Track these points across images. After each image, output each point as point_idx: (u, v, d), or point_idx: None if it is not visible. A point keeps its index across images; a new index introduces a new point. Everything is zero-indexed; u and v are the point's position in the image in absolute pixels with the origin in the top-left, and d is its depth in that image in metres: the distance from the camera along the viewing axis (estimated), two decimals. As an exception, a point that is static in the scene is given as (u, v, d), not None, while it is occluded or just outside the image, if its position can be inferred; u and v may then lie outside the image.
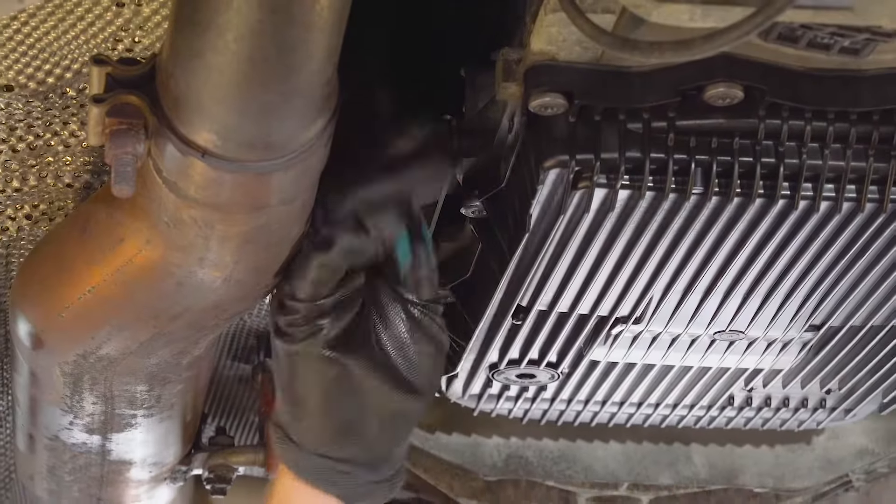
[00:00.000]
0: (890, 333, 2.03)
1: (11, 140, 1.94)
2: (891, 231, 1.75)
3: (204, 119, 1.59)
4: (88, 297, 1.90)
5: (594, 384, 2.18)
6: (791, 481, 2.52)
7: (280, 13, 1.44)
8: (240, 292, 1.86)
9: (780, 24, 1.48)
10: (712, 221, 1.73)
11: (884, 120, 1.65)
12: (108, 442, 2.25)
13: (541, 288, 1.88)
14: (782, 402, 2.25)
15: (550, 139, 1.66)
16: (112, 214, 1.83)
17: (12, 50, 1.83)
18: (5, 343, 2.32)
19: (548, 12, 1.57)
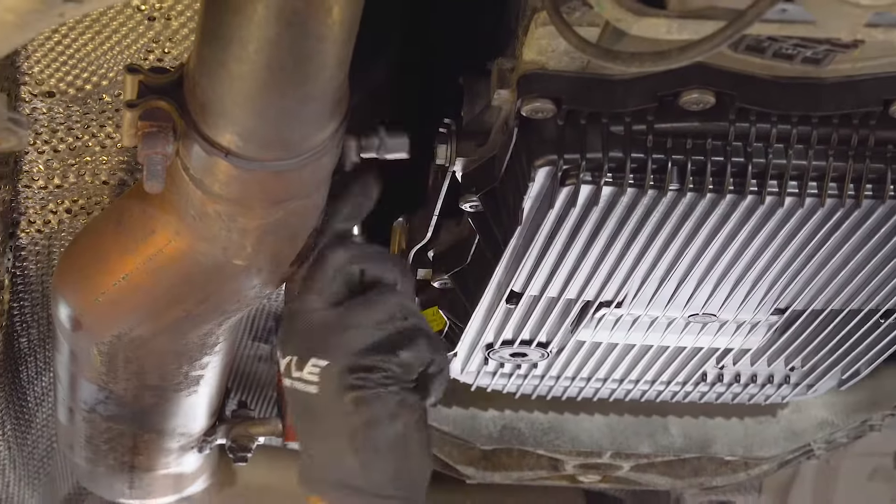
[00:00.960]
0: (848, 316, 2.03)
1: (53, 141, 1.94)
2: (849, 224, 1.75)
3: (227, 122, 1.59)
4: (122, 283, 1.90)
5: (580, 362, 2.18)
6: (758, 450, 2.51)
7: (296, 27, 1.45)
8: (260, 279, 1.86)
9: (748, 36, 1.48)
10: (687, 215, 1.73)
11: (842, 123, 1.65)
12: (140, 414, 2.25)
13: (532, 275, 1.88)
14: (750, 378, 2.25)
15: (541, 140, 1.66)
16: (144, 209, 1.83)
17: (54, 59, 1.83)
18: (47, 325, 2.32)
19: (538, 26, 1.57)
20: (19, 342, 2.32)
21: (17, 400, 2.48)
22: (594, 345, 2.12)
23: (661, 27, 1.35)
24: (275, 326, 2.41)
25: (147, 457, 2.41)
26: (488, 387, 2.29)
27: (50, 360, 2.41)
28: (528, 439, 2.47)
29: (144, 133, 1.63)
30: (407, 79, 1.94)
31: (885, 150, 1.67)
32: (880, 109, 1.63)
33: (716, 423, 2.51)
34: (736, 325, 2.05)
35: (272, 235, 1.77)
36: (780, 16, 1.40)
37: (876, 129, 1.66)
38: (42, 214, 2.06)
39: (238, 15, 1.45)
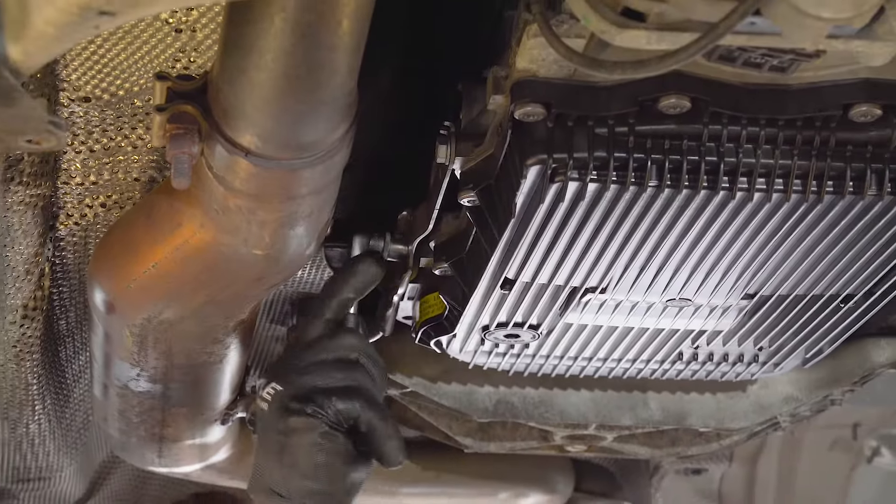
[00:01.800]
0: (811, 301, 2.03)
1: (89, 142, 1.94)
2: (812, 217, 1.75)
3: (247, 125, 1.59)
4: (152, 271, 1.90)
5: (568, 342, 2.18)
6: (730, 422, 2.51)
7: (309, 38, 1.45)
8: (277, 268, 1.86)
9: (720, 46, 1.48)
10: (665, 209, 1.73)
11: (806, 125, 1.65)
12: (168, 390, 2.25)
13: (524, 263, 1.88)
14: (722, 357, 2.25)
15: (532, 141, 1.66)
16: (172, 203, 1.83)
17: (90, 68, 1.83)
18: (84, 309, 2.32)
19: (530, 37, 1.57)
20: (58, 324, 2.32)
21: (57, 377, 2.48)
22: (580, 327, 2.12)
23: (641, 38, 1.35)
24: (290, 310, 2.41)
25: (175, 428, 2.41)
26: (484, 365, 2.29)
27: (86, 341, 2.41)
28: (521, 413, 2.47)
29: (172, 134, 1.64)
30: (410, 84, 1.93)
31: (845, 150, 1.67)
32: (840, 113, 1.63)
33: (691, 398, 2.51)
34: (709, 308, 2.05)
35: (289, 227, 1.77)
36: (749, 28, 1.40)
37: (836, 131, 1.66)
38: (79, 208, 2.06)
39: (257, 27, 1.45)
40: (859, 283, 1.97)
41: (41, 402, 2.49)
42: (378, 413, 2.05)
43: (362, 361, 2.07)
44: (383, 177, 2.06)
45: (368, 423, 2.04)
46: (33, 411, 2.51)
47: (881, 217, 1.76)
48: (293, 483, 2.01)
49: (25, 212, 1.92)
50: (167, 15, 1.76)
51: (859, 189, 1.70)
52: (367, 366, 2.08)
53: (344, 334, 2.09)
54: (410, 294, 2.13)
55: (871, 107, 1.62)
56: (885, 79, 1.62)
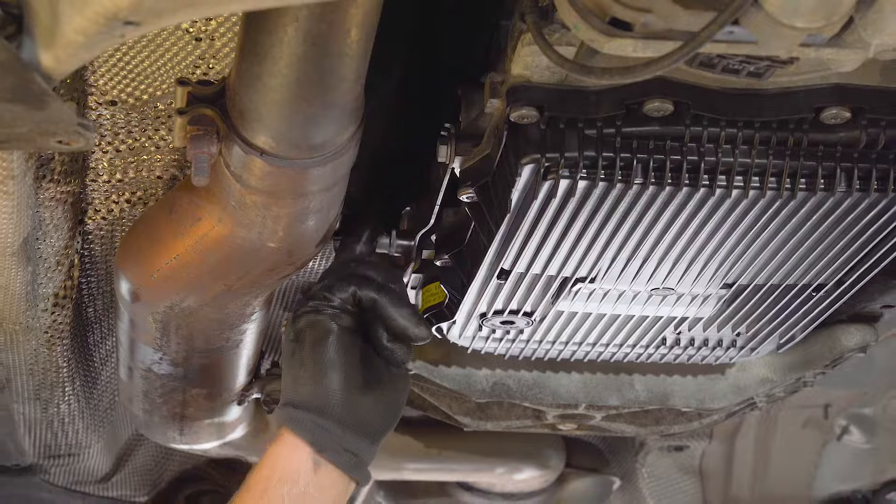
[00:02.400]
0: (785, 290, 2.03)
1: (115, 143, 1.94)
2: (785, 212, 1.76)
3: (262, 126, 1.59)
4: (174, 262, 1.90)
5: (559, 329, 2.19)
6: (710, 403, 2.51)
7: (320, 46, 1.45)
8: (289, 258, 1.87)
9: (701, 54, 1.48)
10: (649, 204, 1.73)
11: (780, 127, 1.66)
12: (188, 373, 2.25)
13: (519, 255, 1.88)
14: (703, 342, 2.25)
15: (526, 142, 1.66)
16: (192, 199, 1.83)
17: (116, 74, 1.83)
18: (110, 297, 2.32)
19: (524, 45, 1.57)
20: (87, 312, 2.32)
21: (85, 360, 2.49)
22: (571, 314, 2.12)
23: (627, 46, 1.35)
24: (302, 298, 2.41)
25: (195, 408, 2.41)
26: (482, 349, 2.29)
27: (112, 327, 2.41)
28: (516, 394, 2.46)
29: (192, 135, 1.64)
30: (413, 89, 1.93)
31: (816, 150, 1.68)
32: (812, 116, 1.64)
33: (673, 380, 2.51)
34: (690, 297, 2.05)
35: (300, 221, 1.77)
36: (727, 37, 1.40)
37: (808, 133, 1.66)
38: (106, 204, 2.06)
39: (272, 36, 1.45)
40: (830, 273, 1.97)
41: (71, 383, 2.50)
42: (377, 287, 1.91)
43: (366, 258, 1.97)
44: (388, 175, 2.06)
45: (371, 300, 1.90)
46: (63, 392, 2.51)
47: (850, 212, 1.76)
48: (301, 388, 1.87)
49: (56, 207, 1.93)
50: (188, 25, 1.76)
51: (830, 186, 1.70)
52: (370, 259, 1.97)
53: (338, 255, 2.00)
54: (413, 283, 2.13)
55: (840, 110, 1.63)
56: (854, 84, 1.62)
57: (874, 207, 1.75)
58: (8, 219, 1.73)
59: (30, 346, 2.21)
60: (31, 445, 2.83)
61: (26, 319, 2.09)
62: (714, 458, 3.24)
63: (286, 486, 1.84)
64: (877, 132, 1.66)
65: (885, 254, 1.90)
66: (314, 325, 1.88)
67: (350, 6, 1.42)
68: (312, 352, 1.87)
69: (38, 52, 1.22)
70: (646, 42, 1.35)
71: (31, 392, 2.47)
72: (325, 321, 1.88)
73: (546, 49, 1.44)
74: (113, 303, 2.25)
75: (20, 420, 2.63)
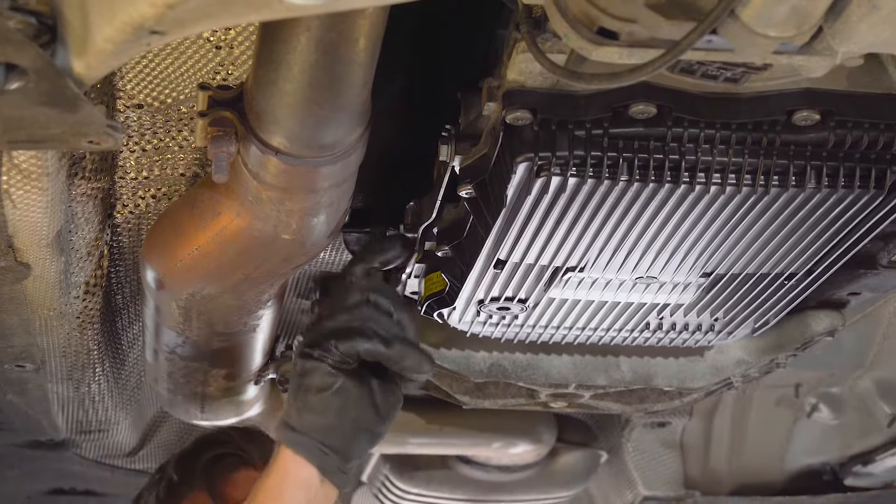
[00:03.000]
0: (759, 279, 2.03)
1: (142, 143, 1.94)
2: (760, 207, 1.75)
3: (277, 128, 1.59)
4: (195, 253, 1.90)
5: (551, 314, 2.19)
6: (690, 383, 2.51)
7: (331, 53, 1.45)
8: (303, 250, 1.87)
9: (682, 61, 1.48)
10: (634, 200, 1.73)
11: (755, 128, 1.66)
12: (209, 354, 2.25)
13: (514, 246, 1.88)
14: (683, 327, 2.25)
15: (521, 142, 1.66)
16: (212, 195, 1.83)
17: (142, 79, 1.83)
18: (137, 285, 2.32)
19: (519, 53, 1.57)
20: (115, 298, 2.32)
21: (114, 343, 2.49)
22: (562, 301, 2.12)
23: (614, 54, 1.35)
24: (314, 286, 2.41)
25: (215, 388, 2.42)
26: (480, 333, 2.29)
27: (139, 313, 2.42)
28: (511, 374, 2.47)
29: (213, 136, 1.64)
30: (417, 93, 1.93)
31: (788, 149, 1.68)
32: (784, 118, 1.64)
33: (656, 362, 2.51)
34: (672, 285, 2.06)
35: (313, 215, 1.77)
36: (706, 45, 1.40)
37: (781, 133, 1.66)
38: (133, 199, 2.06)
39: (286, 44, 1.45)
40: (801, 263, 1.97)
41: (101, 365, 2.50)
42: (379, 342, 1.97)
43: (371, 299, 2.00)
44: (394, 172, 2.06)
45: (371, 354, 1.97)
46: (94, 373, 2.51)
47: (819, 207, 1.76)
48: (304, 418, 1.97)
49: (87, 202, 1.93)
50: (209, 34, 1.76)
51: (800, 183, 1.70)
52: (377, 301, 2.01)
53: (353, 281, 2.04)
54: (416, 273, 2.13)
55: (810, 112, 1.63)
56: (823, 88, 1.62)
57: (841, 203, 1.75)
58: (43, 213, 1.73)
59: (63, 330, 2.21)
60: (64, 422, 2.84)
61: (60, 306, 2.09)
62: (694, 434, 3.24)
63: (302, 491, 1.97)
64: (844, 133, 1.66)
65: (852, 245, 1.90)
66: (317, 370, 1.97)
67: (358, 17, 1.42)
68: (317, 394, 1.97)
69: (70, 59, 1.23)
70: (631, 50, 1.35)
71: (64, 373, 2.47)
72: (328, 372, 1.97)
73: (539, 56, 1.44)
74: (139, 290, 2.26)
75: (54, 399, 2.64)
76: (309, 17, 1.41)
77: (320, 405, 1.97)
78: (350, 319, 1.98)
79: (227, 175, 1.66)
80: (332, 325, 1.98)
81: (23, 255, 1.83)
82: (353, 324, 1.98)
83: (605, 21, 1.32)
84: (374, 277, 2.05)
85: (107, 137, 1.34)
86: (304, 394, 1.98)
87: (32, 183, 1.65)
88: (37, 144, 1.36)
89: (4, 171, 1.61)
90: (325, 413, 1.97)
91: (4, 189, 1.63)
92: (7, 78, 1.23)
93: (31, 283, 1.96)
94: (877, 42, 1.29)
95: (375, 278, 2.05)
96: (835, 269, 2.00)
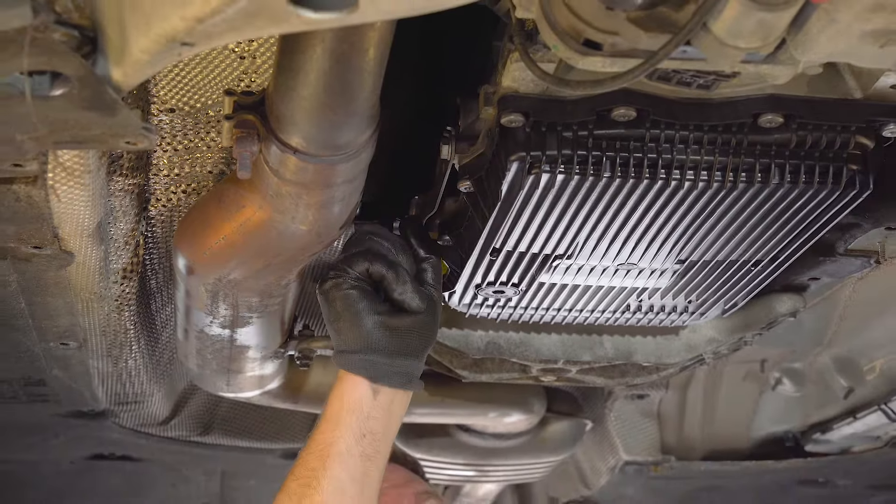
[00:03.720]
0: (728, 265, 2.04)
1: (174, 143, 1.94)
2: (729, 201, 1.76)
3: (295, 130, 1.59)
4: (222, 242, 1.90)
5: (542, 297, 2.19)
6: (666, 359, 2.51)
7: (343, 63, 1.45)
8: (318, 239, 1.87)
9: (659, 69, 1.49)
10: (616, 194, 1.73)
11: (724, 130, 1.66)
12: (234, 334, 2.25)
13: (508, 236, 1.88)
14: (660, 308, 2.26)
15: (514, 142, 1.66)
16: (237, 190, 1.83)
17: (175, 86, 1.83)
18: (169, 271, 2.32)
19: (513, 62, 1.57)
20: (150, 283, 2.32)
21: (149, 323, 2.49)
22: (551, 285, 2.12)
23: (598, 63, 1.36)
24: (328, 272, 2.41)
25: (239, 363, 2.41)
26: (477, 314, 2.29)
27: (171, 296, 2.41)
28: (506, 351, 2.47)
29: (237, 137, 1.64)
30: (421, 98, 1.93)
31: (755, 149, 1.68)
32: (751, 121, 1.64)
33: (636, 340, 2.51)
34: (650, 271, 2.06)
35: (327, 208, 1.77)
36: (681, 55, 1.40)
37: (748, 135, 1.66)
38: (166, 194, 2.06)
39: (303, 55, 1.45)
40: (766, 251, 1.98)
41: (136, 343, 2.50)
42: (382, 264, 1.95)
43: (376, 236, 1.99)
44: (400, 169, 2.06)
45: (378, 273, 1.95)
46: (130, 350, 2.51)
47: (782, 201, 1.77)
48: (342, 338, 1.94)
49: (124, 197, 1.93)
50: (234, 45, 1.76)
51: (765, 179, 1.70)
52: (380, 236, 1.99)
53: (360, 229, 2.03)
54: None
55: (775, 116, 1.63)
56: (786, 94, 1.62)
57: (802, 197, 1.75)
58: (85, 206, 1.73)
59: (103, 311, 2.21)
60: (104, 394, 2.84)
61: (100, 289, 2.09)
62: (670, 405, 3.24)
63: (353, 416, 1.93)
64: (804, 134, 1.67)
65: (812, 235, 1.90)
66: (338, 287, 1.95)
67: (368, 30, 1.42)
68: (343, 307, 1.94)
69: (109, 68, 1.23)
70: (613, 59, 1.35)
71: (103, 350, 2.48)
72: (346, 287, 1.94)
73: (531, 65, 1.45)
74: (171, 276, 2.25)
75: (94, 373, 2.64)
76: (323, 30, 1.41)
77: (350, 315, 1.93)
78: (361, 243, 1.98)
79: (250, 172, 1.66)
80: (342, 256, 1.99)
81: (67, 244, 1.83)
82: (364, 247, 1.98)
83: (590, 33, 1.33)
84: (377, 225, 2.04)
85: (142, 138, 1.34)
86: (333, 313, 1.95)
87: (75, 179, 1.66)
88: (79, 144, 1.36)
89: (50, 169, 1.61)
90: (358, 320, 1.92)
91: (50, 185, 1.63)
92: (53, 85, 1.23)
93: (75, 270, 1.96)
94: (834, 52, 1.30)
95: (378, 226, 2.04)
96: (796, 256, 2.00)
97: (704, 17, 1.20)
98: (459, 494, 3.91)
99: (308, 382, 2.78)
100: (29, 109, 1.25)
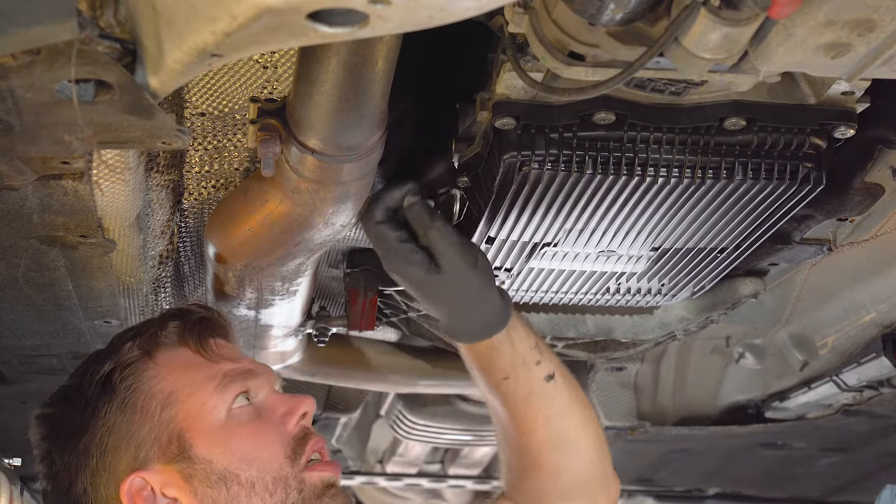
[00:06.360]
0: (697, 252, 2.04)
1: (204, 143, 1.94)
2: (698, 195, 1.76)
3: (313, 132, 1.60)
4: (247, 233, 1.90)
5: (531, 280, 2.19)
6: (642, 335, 2.52)
7: (355, 73, 1.45)
8: (333, 230, 1.87)
9: (635, 78, 1.49)
10: (597, 189, 1.73)
11: (694, 132, 1.66)
12: (259, 314, 2.26)
13: (501, 226, 1.89)
14: (636, 290, 2.26)
15: (507, 142, 1.66)
16: (261, 186, 1.83)
17: (205, 92, 1.83)
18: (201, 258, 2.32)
19: (505, 71, 1.57)
20: (183, 268, 2.33)
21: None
22: (540, 269, 2.13)
23: (581, 73, 1.36)
24: (342, 258, 2.42)
25: (263, 340, 2.42)
26: (474, 296, 2.29)
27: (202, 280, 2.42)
28: (499, 328, 2.47)
29: (261, 139, 1.64)
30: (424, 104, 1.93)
31: (721, 149, 1.68)
32: (717, 124, 1.64)
33: (615, 318, 2.52)
34: (627, 257, 2.06)
35: (341, 202, 1.77)
36: (655, 65, 1.41)
37: (714, 136, 1.66)
38: (197, 189, 2.06)
39: (319, 65, 1.46)
40: (730, 240, 1.98)
41: (172, 322, 2.50)
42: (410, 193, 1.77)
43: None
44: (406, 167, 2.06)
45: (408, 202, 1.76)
46: (166, 329, 2.51)
47: (745, 195, 1.77)
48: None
49: (161, 191, 1.93)
50: (258, 56, 1.76)
51: (730, 176, 1.70)
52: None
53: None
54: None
55: (738, 119, 1.63)
56: (748, 100, 1.62)
57: (762, 192, 1.75)
58: (125, 199, 1.74)
59: (141, 293, 2.21)
60: (143, 368, 2.83)
61: (139, 273, 2.09)
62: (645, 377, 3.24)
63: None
64: (765, 136, 1.67)
65: (771, 226, 1.91)
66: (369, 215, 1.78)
67: (378, 43, 1.42)
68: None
69: (147, 76, 1.23)
70: (595, 69, 1.35)
71: (142, 328, 2.48)
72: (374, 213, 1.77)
73: (521, 74, 1.45)
74: (202, 262, 2.26)
75: (134, 349, 2.64)
76: (338, 44, 1.41)
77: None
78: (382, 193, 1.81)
79: (272, 170, 1.66)
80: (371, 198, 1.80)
81: (110, 233, 1.83)
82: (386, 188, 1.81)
83: (574, 46, 1.33)
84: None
85: (176, 139, 1.35)
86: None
87: (117, 175, 1.66)
88: (121, 144, 1.37)
89: (95, 166, 1.61)
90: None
91: (95, 181, 1.64)
92: (97, 92, 1.23)
93: (116, 256, 1.96)
94: (791, 63, 1.30)
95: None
96: (758, 244, 2.00)
97: (676, 32, 1.20)
98: (458, 457, 3.92)
99: (324, 357, 2.79)
100: (76, 113, 1.25)
